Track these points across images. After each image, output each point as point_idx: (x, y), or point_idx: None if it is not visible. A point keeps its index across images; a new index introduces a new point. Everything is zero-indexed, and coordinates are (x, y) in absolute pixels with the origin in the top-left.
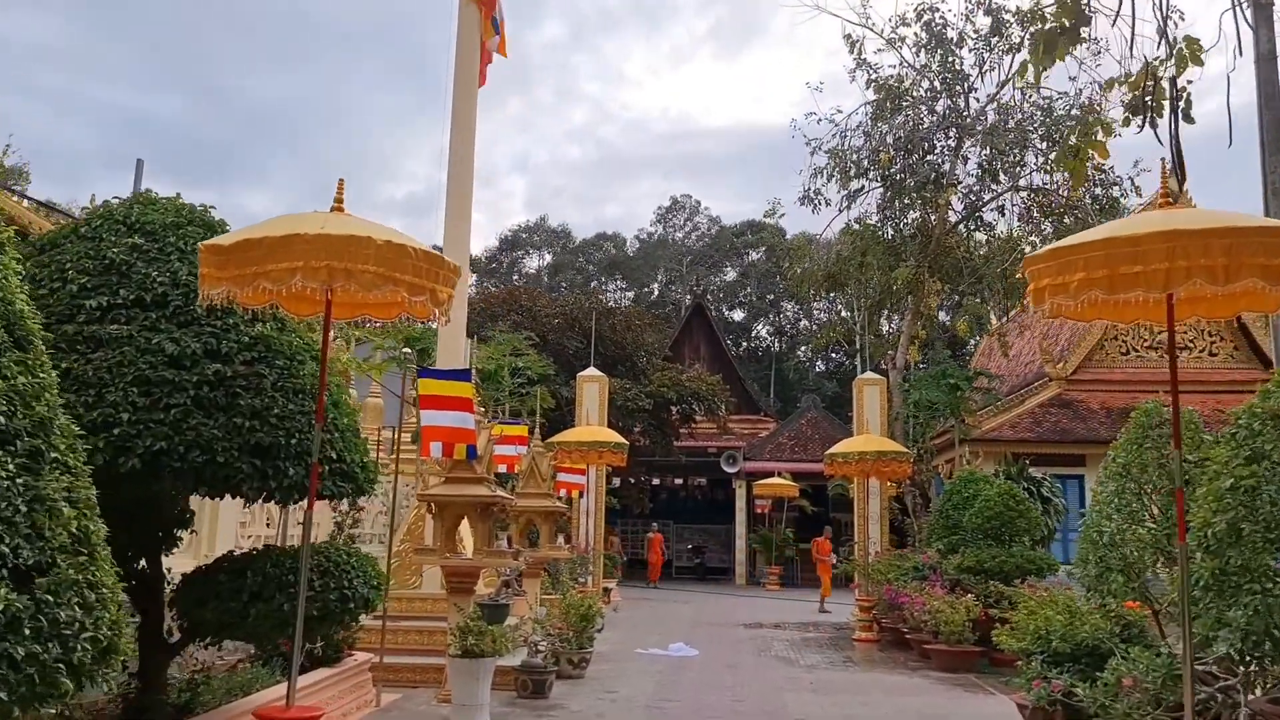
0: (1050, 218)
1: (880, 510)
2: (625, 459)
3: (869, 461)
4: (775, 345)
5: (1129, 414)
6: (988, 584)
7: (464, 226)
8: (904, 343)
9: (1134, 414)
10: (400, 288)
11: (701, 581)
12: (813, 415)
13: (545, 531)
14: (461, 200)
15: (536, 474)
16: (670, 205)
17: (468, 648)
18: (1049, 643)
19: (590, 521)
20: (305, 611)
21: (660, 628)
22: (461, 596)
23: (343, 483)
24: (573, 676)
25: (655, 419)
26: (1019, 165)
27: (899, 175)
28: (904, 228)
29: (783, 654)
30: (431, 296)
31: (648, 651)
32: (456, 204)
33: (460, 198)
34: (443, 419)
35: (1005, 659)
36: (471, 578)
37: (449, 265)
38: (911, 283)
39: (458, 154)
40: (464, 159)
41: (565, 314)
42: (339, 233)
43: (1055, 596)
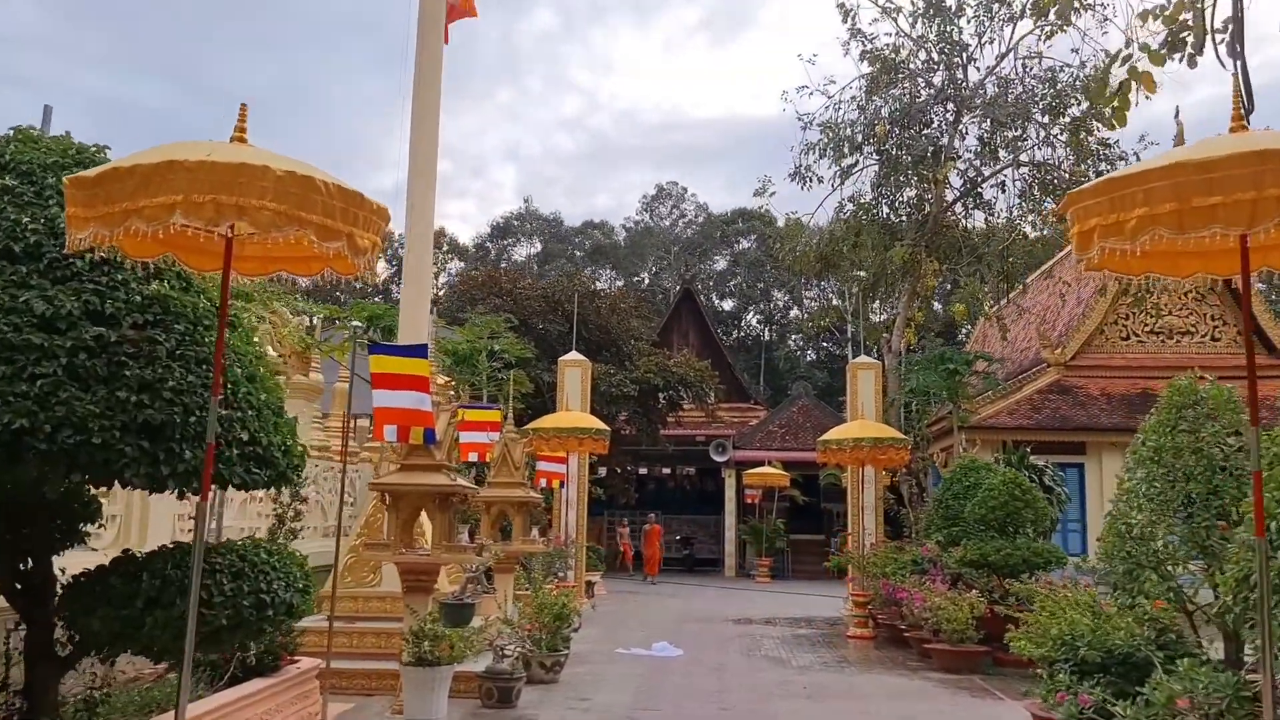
0: (1052, 195)
1: (875, 500)
2: (608, 446)
3: (865, 448)
4: (765, 334)
5: (1130, 401)
6: (990, 578)
7: (428, 195)
8: (900, 325)
9: (1165, 392)
10: (307, 229)
11: (690, 573)
12: (804, 403)
13: (518, 523)
14: (426, 164)
15: (509, 462)
16: (656, 193)
17: (422, 655)
18: (1075, 649)
19: (572, 513)
20: (215, 620)
21: (645, 624)
22: (419, 596)
23: (258, 469)
24: (545, 681)
25: (641, 406)
26: (1020, 139)
27: (894, 150)
28: (899, 206)
29: (773, 653)
30: (349, 243)
31: (629, 651)
32: (420, 164)
33: (424, 159)
34: (397, 399)
35: (1010, 659)
36: (430, 575)
37: (371, 205)
38: (908, 263)
39: (422, 110)
40: (429, 113)
41: (548, 297)
42: (227, 160)
43: (1075, 595)
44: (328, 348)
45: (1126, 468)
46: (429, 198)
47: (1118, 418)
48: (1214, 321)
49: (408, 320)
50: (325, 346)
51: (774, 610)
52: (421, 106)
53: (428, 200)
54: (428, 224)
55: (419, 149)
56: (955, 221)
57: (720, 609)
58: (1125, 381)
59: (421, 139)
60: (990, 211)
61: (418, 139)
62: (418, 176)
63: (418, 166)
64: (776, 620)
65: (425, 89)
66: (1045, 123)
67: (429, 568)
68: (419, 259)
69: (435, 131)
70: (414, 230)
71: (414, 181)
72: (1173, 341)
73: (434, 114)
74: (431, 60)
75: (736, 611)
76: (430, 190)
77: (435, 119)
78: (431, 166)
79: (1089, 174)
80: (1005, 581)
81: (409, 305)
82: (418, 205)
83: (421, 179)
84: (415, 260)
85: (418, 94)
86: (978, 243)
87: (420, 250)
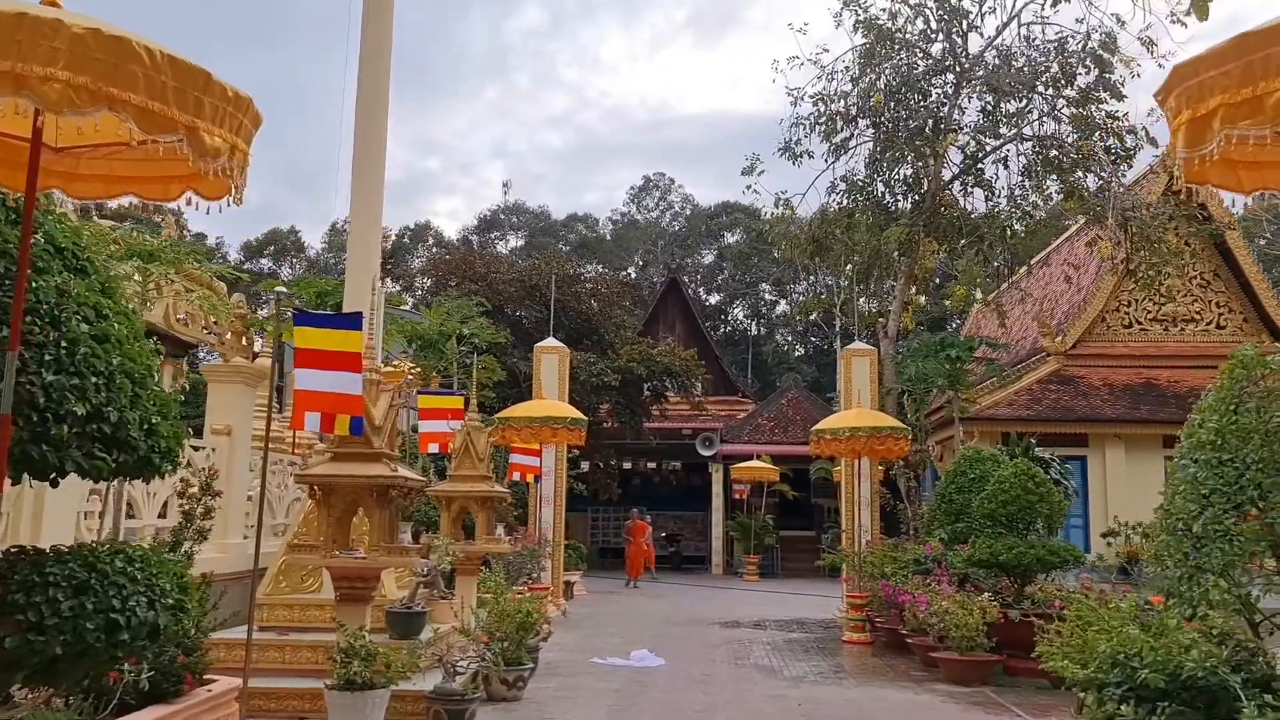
0: (1056, 173)
1: (871, 495)
2: (584, 437)
3: (862, 438)
4: (753, 329)
5: (1134, 391)
6: (999, 579)
7: (375, 143)
8: (897, 309)
9: (1226, 365)
10: (123, 114)
11: (676, 571)
12: (794, 395)
13: (482, 520)
14: (374, 101)
15: (472, 453)
16: (643, 184)
17: (351, 677)
18: (1132, 672)
19: (549, 509)
20: (47, 649)
21: (626, 628)
22: (355, 606)
23: (104, 453)
24: (506, 700)
25: (624, 397)
26: (1025, 110)
27: (890, 124)
28: (895, 184)
29: (764, 661)
30: (190, 139)
31: (606, 662)
32: (367, 101)
33: (372, 93)
34: (322, 380)
35: (1022, 667)
36: (367, 581)
37: (224, 90)
38: (905, 244)
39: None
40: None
41: (525, 282)
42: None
43: (1116, 601)
44: (258, 322)
45: (1181, 454)
46: (376, 149)
47: (1121, 408)
48: (1219, 309)
49: (355, 290)
50: (256, 321)
51: (764, 612)
52: (370, 47)
53: (374, 148)
54: (375, 204)
55: (367, 79)
56: (953, 201)
57: (707, 611)
58: (1128, 371)
59: (370, 70)
60: (990, 191)
61: (366, 70)
62: (365, 117)
63: (364, 103)
64: (766, 623)
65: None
66: (1050, 95)
67: (366, 573)
68: (366, 209)
69: (386, 69)
70: (360, 183)
71: (361, 124)
72: (1177, 329)
73: (383, 52)
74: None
75: (724, 613)
76: (378, 143)
77: (386, 60)
78: (381, 109)
79: (1096, 150)
80: (1017, 582)
81: (356, 280)
82: (363, 149)
83: (369, 118)
84: (362, 210)
85: (366, 33)
86: (979, 222)
87: (366, 204)
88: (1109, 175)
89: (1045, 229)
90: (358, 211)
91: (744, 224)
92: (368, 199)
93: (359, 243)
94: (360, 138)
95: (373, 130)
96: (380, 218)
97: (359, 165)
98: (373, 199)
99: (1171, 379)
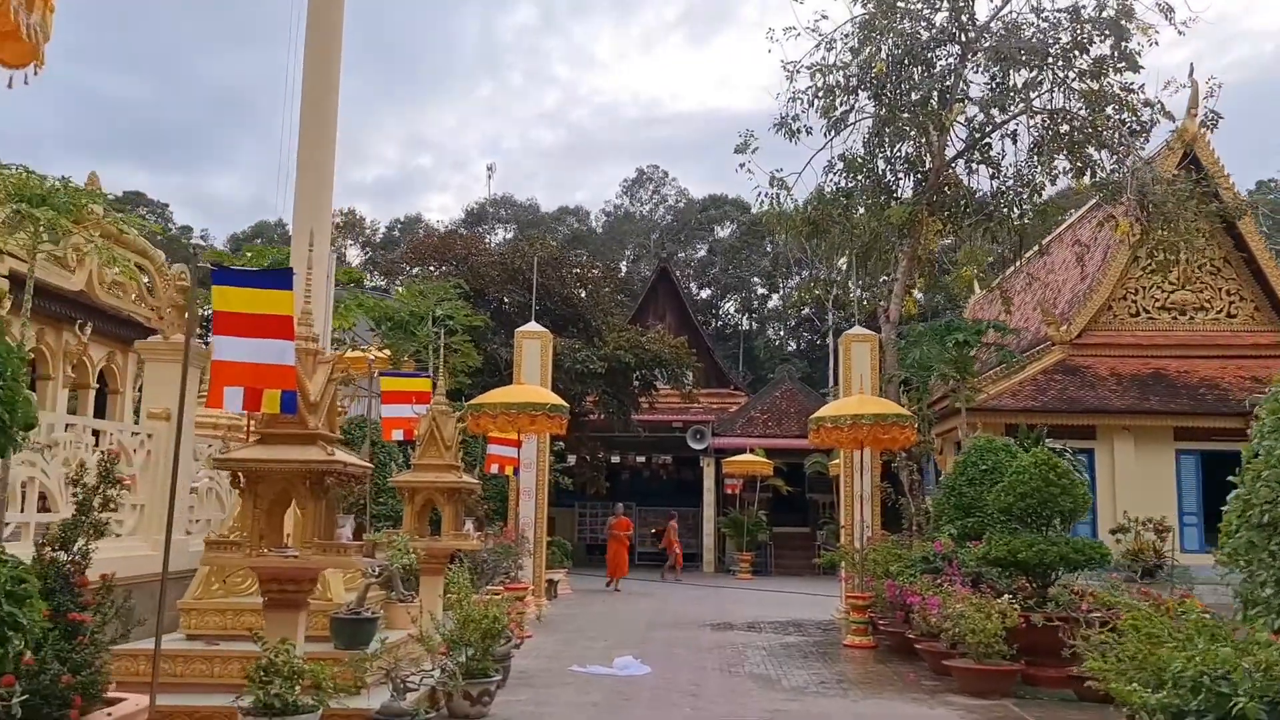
0: (1067, 149)
1: (872, 488)
2: (565, 425)
3: (865, 427)
4: (745, 323)
5: (1142, 381)
6: (1013, 580)
7: (329, 65)
8: (899, 292)
9: None
10: None
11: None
12: (788, 387)
13: (449, 514)
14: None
15: (438, 440)
16: (636, 177)
17: (269, 700)
18: (1220, 699)
19: (530, 502)
20: None
21: (610, 631)
22: (285, 613)
23: None
24: (469, 717)
25: (611, 386)
26: (1036, 81)
27: (893, 95)
28: (897, 160)
29: (759, 669)
30: None
31: (586, 670)
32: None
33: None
34: (246, 349)
35: (1044, 677)
36: (300, 584)
37: None
38: (908, 223)
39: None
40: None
41: (507, 265)
42: None
43: (1187, 610)
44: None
45: (1259, 436)
46: (329, 70)
47: (1130, 399)
48: (1229, 297)
49: (300, 242)
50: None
51: (758, 613)
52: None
53: (328, 69)
54: (325, 183)
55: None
56: (957, 180)
57: (697, 611)
58: (1136, 361)
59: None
60: (996, 169)
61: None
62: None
63: (314, 44)
64: (761, 625)
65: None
66: (1061, 65)
67: (298, 574)
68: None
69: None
70: (309, 125)
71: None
72: (1185, 318)
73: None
74: None
75: (715, 614)
76: (331, 78)
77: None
78: (334, 47)
79: (1111, 123)
80: (1037, 583)
81: (303, 242)
82: (313, 79)
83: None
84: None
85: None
86: (986, 200)
87: (315, 146)
88: (1124, 149)
89: (1053, 210)
90: (304, 159)
91: (734, 217)
92: (317, 143)
93: (306, 197)
94: (310, 71)
95: (325, 59)
96: (331, 171)
97: (308, 95)
98: (322, 147)
99: (1181, 369)
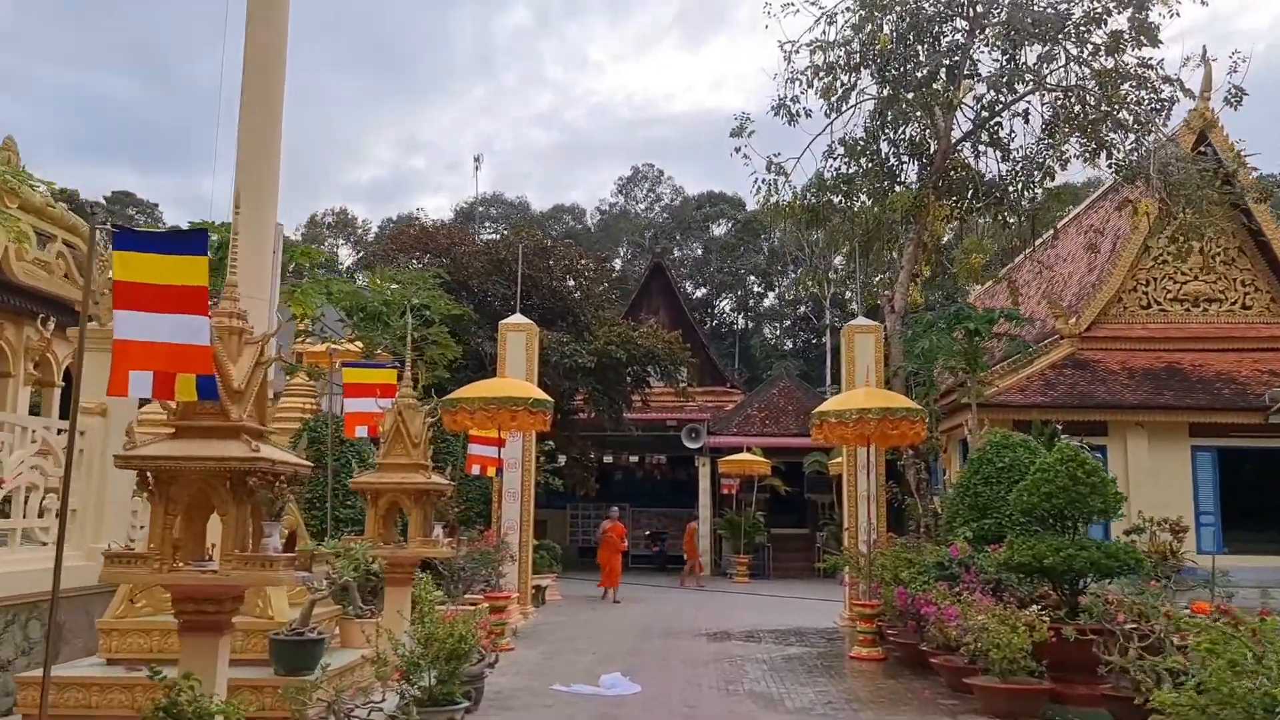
0: (1081, 130)
1: (876, 488)
2: (549, 421)
3: (872, 422)
4: (740, 322)
5: (1156, 375)
6: (1034, 587)
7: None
8: (904, 281)
9: None
10: None
11: (660, 572)
12: (786, 384)
13: (416, 518)
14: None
15: (405, 437)
16: (631, 175)
17: None
18: None
19: (515, 505)
20: None
21: (598, 641)
22: (203, 638)
23: None
24: None
25: (602, 383)
26: (1049, 56)
27: (896, 74)
28: (901, 143)
29: (760, 686)
30: None
31: (570, 689)
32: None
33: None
34: (153, 326)
35: (1074, 694)
36: (221, 603)
37: None
38: (913, 208)
39: None
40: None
41: (492, 255)
42: None
43: (1268, 628)
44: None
45: None
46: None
47: (1143, 394)
48: (1244, 288)
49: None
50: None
51: (756, 620)
52: None
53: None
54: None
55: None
56: (964, 163)
57: (692, 619)
58: (1148, 354)
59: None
60: (1005, 152)
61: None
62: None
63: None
64: (760, 634)
65: None
66: (1076, 41)
67: (218, 592)
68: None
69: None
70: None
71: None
72: (1199, 310)
73: None
74: None
75: (711, 622)
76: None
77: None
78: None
79: (1130, 103)
80: (1064, 591)
81: (246, 158)
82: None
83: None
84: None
85: None
86: (995, 183)
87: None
88: (1143, 127)
89: (1066, 195)
90: (248, 118)
91: (730, 214)
92: (260, 98)
93: (249, 156)
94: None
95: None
96: (277, 134)
97: (251, 37)
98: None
99: (1195, 363)
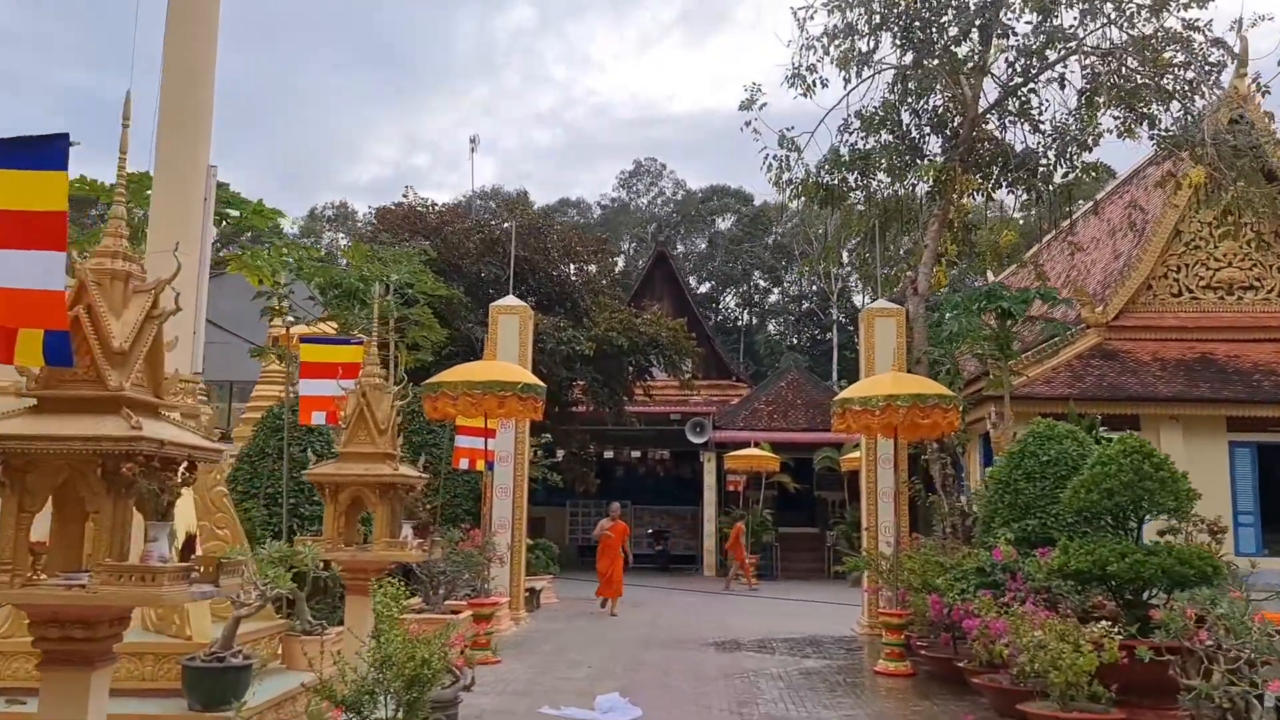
0: (1119, 101)
1: (898, 484)
2: (541, 409)
3: (901, 410)
4: (745, 318)
5: (1189, 366)
6: (1085, 596)
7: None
8: (928, 260)
9: None
10: None
11: (664, 573)
12: (794, 377)
13: (382, 516)
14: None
15: (369, 423)
16: (634, 169)
17: None
18: None
19: (507, 501)
20: None
21: (595, 652)
22: (69, 673)
23: None
24: None
25: (601, 372)
26: (1089, 14)
27: (921, 36)
28: (924, 114)
29: (777, 709)
30: None
31: (560, 713)
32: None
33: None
34: None
35: None
36: (93, 626)
37: None
38: (939, 183)
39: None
40: None
41: (485, 235)
42: None
43: None
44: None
45: None
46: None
47: (1177, 385)
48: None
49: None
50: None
51: (767, 626)
52: None
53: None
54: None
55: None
56: (991, 135)
57: (697, 625)
58: (1180, 344)
59: None
60: (1035, 126)
61: None
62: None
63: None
64: (773, 644)
65: None
66: (1115, 3)
67: (89, 614)
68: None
69: None
70: None
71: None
72: (1233, 298)
73: None
74: None
75: (718, 629)
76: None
77: None
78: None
79: (1175, 67)
80: (1128, 602)
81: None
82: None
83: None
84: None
85: None
86: (1030, 154)
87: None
88: (1193, 91)
89: (1101, 170)
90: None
91: (735, 208)
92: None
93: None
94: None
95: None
96: (212, 51)
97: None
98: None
99: (1230, 353)
